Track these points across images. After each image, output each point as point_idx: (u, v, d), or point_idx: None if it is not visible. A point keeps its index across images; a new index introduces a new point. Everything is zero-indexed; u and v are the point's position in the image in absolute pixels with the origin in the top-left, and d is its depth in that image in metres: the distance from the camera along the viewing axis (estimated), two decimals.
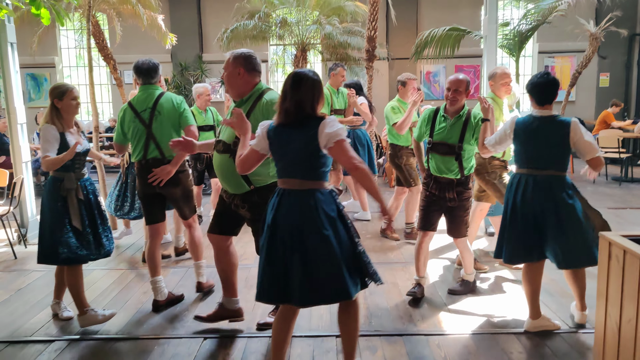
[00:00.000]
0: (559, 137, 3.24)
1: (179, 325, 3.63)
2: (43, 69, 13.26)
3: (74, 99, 3.53)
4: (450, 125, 3.77)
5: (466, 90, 3.73)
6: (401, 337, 3.41)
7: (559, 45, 12.96)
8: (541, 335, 3.37)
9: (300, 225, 2.55)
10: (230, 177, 3.14)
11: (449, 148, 3.76)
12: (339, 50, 10.65)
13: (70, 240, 3.49)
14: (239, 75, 3.10)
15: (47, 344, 3.38)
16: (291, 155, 2.61)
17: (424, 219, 3.93)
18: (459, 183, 3.79)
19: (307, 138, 2.56)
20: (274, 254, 2.60)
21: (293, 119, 2.59)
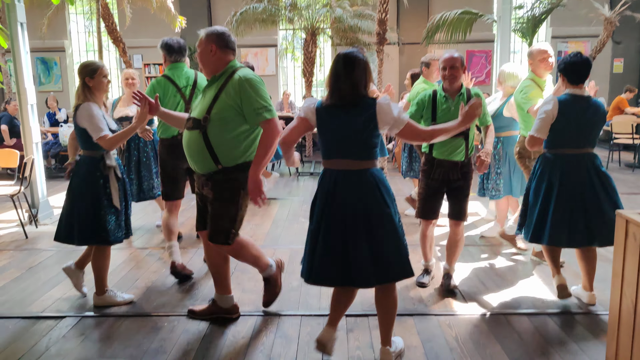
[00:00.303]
0: (599, 117, 3.38)
1: (188, 303, 3.63)
2: (53, 53, 13.26)
3: (105, 77, 3.49)
4: (454, 106, 3.58)
5: (462, 66, 3.54)
6: (412, 317, 3.39)
7: (573, 30, 12.76)
8: (552, 316, 3.34)
9: (365, 205, 2.58)
10: (199, 154, 3.04)
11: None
12: (349, 34, 10.55)
13: (111, 220, 3.48)
14: (212, 52, 3.03)
15: (58, 320, 3.40)
16: (346, 136, 2.62)
17: (427, 208, 3.76)
18: (463, 165, 3.64)
19: (364, 119, 2.60)
20: (334, 237, 2.60)
21: (349, 100, 2.62)
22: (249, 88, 2.93)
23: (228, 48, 3.09)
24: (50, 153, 8.90)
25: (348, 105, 2.63)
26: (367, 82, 2.66)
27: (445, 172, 3.64)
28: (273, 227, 5.55)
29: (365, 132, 2.61)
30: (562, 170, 3.37)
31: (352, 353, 2.94)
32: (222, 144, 3.01)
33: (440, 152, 3.65)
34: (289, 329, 3.24)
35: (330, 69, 2.69)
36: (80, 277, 3.79)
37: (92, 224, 3.43)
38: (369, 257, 2.56)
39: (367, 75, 2.66)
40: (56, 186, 8.07)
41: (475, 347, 2.98)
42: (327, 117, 2.67)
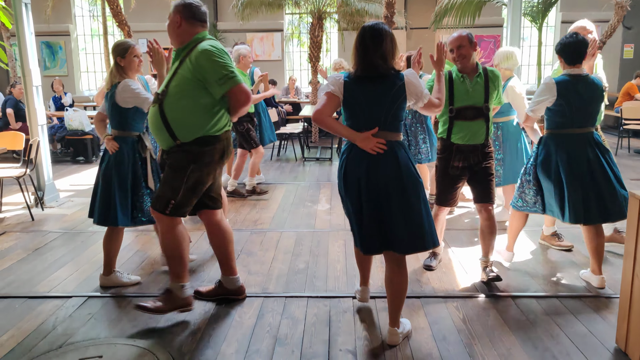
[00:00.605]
0: (597, 95, 3.41)
1: (195, 284, 3.61)
2: (58, 37, 13.20)
3: (136, 56, 3.47)
4: (472, 87, 3.42)
5: (471, 44, 3.37)
6: (419, 299, 3.37)
7: (583, 15, 12.48)
8: (562, 299, 3.31)
9: (399, 175, 2.65)
10: (158, 130, 2.97)
11: (477, 111, 3.40)
12: (356, 18, 10.42)
13: (147, 201, 3.50)
14: (177, 23, 2.96)
15: (65, 300, 3.39)
16: (377, 108, 2.66)
17: (446, 196, 3.59)
18: (483, 146, 3.46)
19: (395, 91, 2.65)
20: (370, 207, 2.66)
21: (380, 72, 2.65)
22: (206, 60, 2.83)
23: (195, 19, 2.98)
24: (56, 137, 8.87)
25: (377, 78, 2.66)
26: (394, 54, 2.69)
27: (466, 157, 3.44)
28: (279, 211, 5.52)
29: (395, 104, 2.67)
30: (567, 151, 3.40)
31: (359, 334, 2.93)
32: (177, 118, 2.91)
33: (460, 137, 3.44)
34: (296, 311, 3.22)
35: (356, 41, 2.69)
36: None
37: (133, 205, 3.49)
38: (405, 225, 2.65)
39: (394, 48, 2.69)
40: (62, 170, 8.06)
41: (483, 329, 2.96)
42: (356, 89, 2.68)
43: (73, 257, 4.18)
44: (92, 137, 8.78)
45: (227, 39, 13.12)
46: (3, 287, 3.61)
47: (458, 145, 3.45)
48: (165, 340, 2.87)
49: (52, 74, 13.22)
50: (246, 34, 13.02)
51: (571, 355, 2.68)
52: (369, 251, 2.77)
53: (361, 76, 2.69)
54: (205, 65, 2.84)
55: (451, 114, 3.44)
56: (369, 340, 2.86)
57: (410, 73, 2.71)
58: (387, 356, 2.70)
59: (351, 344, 2.82)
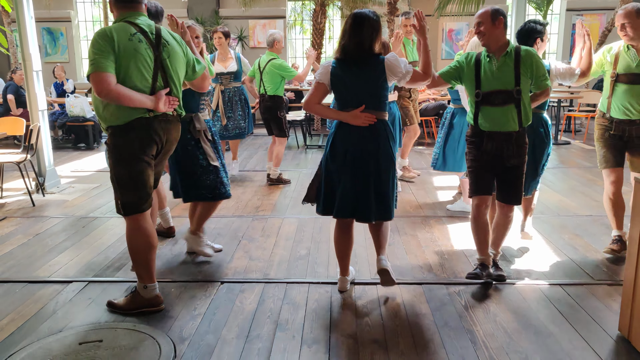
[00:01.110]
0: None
1: (196, 270, 3.61)
2: (59, 23, 13.12)
3: (197, 37, 3.63)
4: (498, 68, 3.10)
5: (493, 20, 3.05)
6: (421, 285, 3.35)
7: (588, 2, 12.44)
8: (565, 286, 3.29)
9: (377, 151, 2.97)
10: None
11: (506, 96, 3.09)
12: (359, 5, 10.32)
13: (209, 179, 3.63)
14: (111, 10, 2.90)
15: (65, 284, 3.38)
16: (360, 89, 2.96)
17: (478, 182, 3.27)
18: (518, 136, 3.15)
19: (376, 73, 2.93)
20: (346, 176, 2.99)
21: (356, 57, 2.93)
22: (89, 47, 2.71)
23: (118, 2, 2.85)
24: (57, 124, 8.84)
25: (358, 61, 2.94)
26: (373, 39, 2.94)
27: (498, 146, 3.15)
28: (281, 197, 5.50)
29: (376, 84, 2.95)
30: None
31: (360, 320, 2.91)
32: (94, 106, 2.89)
33: (488, 125, 3.17)
34: (297, 296, 3.21)
35: (342, 27, 2.99)
36: (199, 241, 3.78)
37: (191, 184, 3.61)
38: (376, 196, 3.00)
39: (374, 33, 2.93)
40: (63, 156, 8.05)
41: (485, 315, 2.94)
42: (341, 73, 2.97)
43: (74, 243, 4.17)
44: (93, 124, 8.74)
45: (230, 25, 13.00)
46: (3, 272, 3.60)
47: (489, 132, 3.16)
48: (165, 325, 2.86)
49: (53, 60, 13.14)
50: (248, 20, 12.92)
51: (574, 342, 2.66)
52: (341, 214, 3.05)
53: (344, 60, 2.97)
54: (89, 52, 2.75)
55: (477, 99, 3.17)
56: (369, 326, 2.84)
57: (390, 55, 2.98)
58: (388, 341, 2.69)
59: (352, 330, 2.81)
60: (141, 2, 2.90)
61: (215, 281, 3.43)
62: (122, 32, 2.73)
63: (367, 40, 2.91)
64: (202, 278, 3.48)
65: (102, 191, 5.80)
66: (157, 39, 2.85)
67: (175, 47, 2.94)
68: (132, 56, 2.72)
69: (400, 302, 3.12)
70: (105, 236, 4.31)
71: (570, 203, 5.16)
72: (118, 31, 2.72)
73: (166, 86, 2.88)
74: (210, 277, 3.50)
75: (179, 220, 4.67)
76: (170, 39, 2.94)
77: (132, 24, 2.80)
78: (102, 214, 4.95)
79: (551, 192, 5.57)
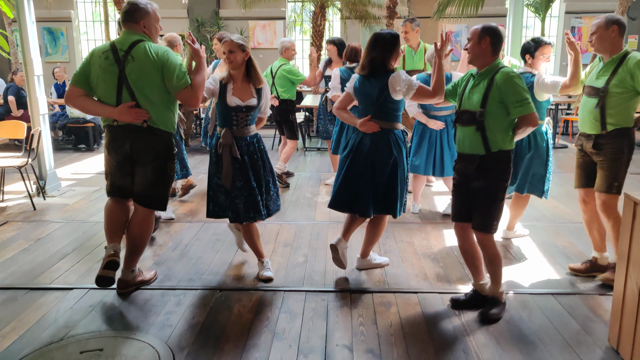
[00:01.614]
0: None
1: (195, 277, 3.67)
2: (59, 23, 13.16)
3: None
4: (472, 87, 3.03)
5: (479, 40, 2.94)
6: (416, 294, 3.41)
7: (587, 5, 12.49)
8: (557, 296, 3.35)
9: (381, 157, 3.41)
10: None
11: (470, 116, 2.98)
12: (358, 7, 10.39)
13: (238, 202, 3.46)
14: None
15: (66, 292, 3.44)
16: (368, 101, 3.40)
17: (453, 208, 3.20)
18: (483, 160, 2.97)
19: (380, 87, 3.32)
20: (353, 175, 3.48)
21: (369, 72, 3.38)
22: None
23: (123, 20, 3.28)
24: (57, 125, 8.89)
25: (373, 76, 3.37)
26: (386, 58, 3.34)
27: (464, 166, 3.07)
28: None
29: (380, 98, 3.34)
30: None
31: (356, 329, 2.97)
32: None
33: (458, 144, 3.13)
34: (294, 305, 3.26)
35: (367, 45, 3.43)
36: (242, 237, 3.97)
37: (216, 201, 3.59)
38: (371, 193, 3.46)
39: (387, 52, 3.33)
40: (63, 158, 8.10)
41: (478, 325, 3.00)
42: (359, 85, 3.45)
43: (74, 248, 4.23)
44: (94, 125, 8.80)
45: (230, 26, 13.07)
46: (5, 278, 3.66)
47: (459, 153, 3.13)
48: (164, 334, 2.91)
49: (54, 60, 13.20)
50: (248, 21, 12.96)
51: (564, 353, 2.72)
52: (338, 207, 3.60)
53: (362, 74, 3.43)
54: None
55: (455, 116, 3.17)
56: (365, 336, 2.90)
57: (395, 73, 3.32)
58: (382, 352, 2.75)
59: (348, 339, 2.87)
60: (128, 21, 3.20)
61: (214, 289, 3.48)
62: (97, 50, 3.20)
63: (379, 57, 3.34)
64: (200, 286, 3.53)
65: (102, 194, 5.85)
66: (125, 56, 3.11)
67: (144, 62, 3.10)
68: (97, 72, 3.14)
69: (395, 312, 3.18)
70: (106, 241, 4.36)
71: (566, 209, 5.21)
72: (95, 50, 3.21)
73: (132, 99, 3.13)
74: (208, 284, 3.55)
75: (180, 225, 4.73)
76: (140, 55, 3.10)
77: (111, 42, 3.21)
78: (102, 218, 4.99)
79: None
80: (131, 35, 3.17)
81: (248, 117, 3.45)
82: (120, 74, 3.09)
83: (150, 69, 3.10)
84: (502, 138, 2.96)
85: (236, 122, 3.43)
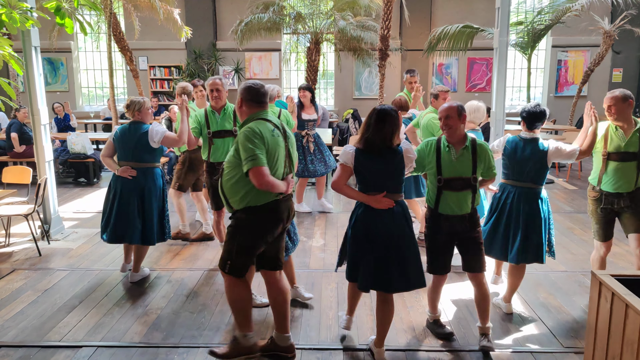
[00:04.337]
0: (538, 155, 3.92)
1: (197, 333, 3.88)
2: (60, 53, 13.43)
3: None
4: (457, 158, 3.51)
5: (459, 115, 3.48)
6: (405, 352, 3.64)
7: (573, 39, 12.91)
8: (535, 354, 3.58)
9: (398, 229, 3.35)
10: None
11: (464, 182, 3.50)
12: (352, 43, 10.71)
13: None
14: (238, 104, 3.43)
15: (75, 350, 3.65)
16: (383, 175, 3.34)
17: (438, 264, 3.67)
18: (470, 215, 3.58)
19: (396, 162, 3.34)
20: (375, 253, 3.33)
21: (381, 149, 3.31)
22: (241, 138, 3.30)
23: (252, 101, 3.38)
24: (58, 160, 9.11)
25: (383, 153, 3.33)
26: (394, 134, 3.31)
27: (452, 225, 3.56)
28: None
29: (396, 172, 3.36)
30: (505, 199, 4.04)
31: None
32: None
33: (447, 208, 3.54)
34: None
35: (365, 120, 3.38)
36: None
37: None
38: (399, 269, 3.34)
39: (395, 128, 3.31)
40: (65, 194, 8.32)
41: None
42: (364, 160, 3.34)
43: (81, 300, 4.44)
44: (94, 160, 9.03)
45: (227, 58, 13.41)
46: (17, 335, 3.86)
47: (445, 215, 3.54)
48: None
49: (54, 89, 13.46)
50: (245, 53, 13.29)
51: None
52: (364, 288, 3.43)
53: (365, 150, 3.34)
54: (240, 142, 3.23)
55: (439, 184, 3.52)
56: None
57: (406, 147, 3.39)
58: None
59: None
60: (266, 102, 3.44)
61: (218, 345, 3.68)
62: (267, 129, 3.28)
63: (389, 135, 3.30)
64: (202, 343, 3.74)
65: None
66: (284, 131, 3.42)
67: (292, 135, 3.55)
68: (274, 148, 3.28)
69: None
70: (110, 293, 4.58)
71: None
72: (263, 129, 3.26)
73: (290, 167, 3.47)
74: (210, 341, 3.76)
75: (181, 272, 4.95)
76: (288, 129, 3.49)
77: (267, 120, 3.34)
78: (105, 266, 5.22)
79: None
80: (270, 112, 3.47)
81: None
82: (285, 147, 3.40)
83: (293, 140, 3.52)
84: (479, 195, 3.65)
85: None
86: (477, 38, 10.75)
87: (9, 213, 5.61)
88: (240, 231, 3.32)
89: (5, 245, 5.86)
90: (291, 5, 11.10)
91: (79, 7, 4.30)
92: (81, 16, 4.64)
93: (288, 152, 3.42)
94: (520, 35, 9.88)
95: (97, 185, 9.08)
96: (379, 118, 3.28)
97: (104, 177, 9.67)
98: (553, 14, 9.44)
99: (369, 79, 13.41)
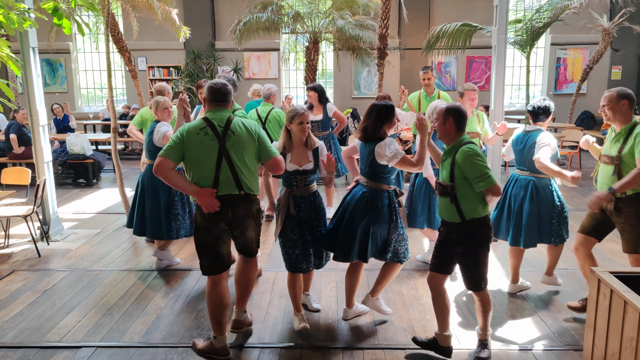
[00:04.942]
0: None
1: (196, 333, 3.88)
2: (58, 54, 13.43)
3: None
4: (442, 163, 3.42)
5: (444, 120, 3.30)
6: (404, 350, 3.64)
7: (572, 37, 12.90)
8: (535, 352, 3.58)
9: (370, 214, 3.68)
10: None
11: (443, 189, 3.32)
12: (350, 42, 10.71)
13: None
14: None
15: (75, 350, 3.65)
16: (361, 163, 3.81)
17: (435, 258, 3.49)
18: (460, 227, 3.28)
19: (368, 152, 3.68)
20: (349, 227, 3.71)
21: (363, 138, 3.75)
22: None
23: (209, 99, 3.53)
24: (57, 161, 9.10)
25: (367, 141, 3.73)
26: (377, 126, 3.66)
27: (447, 231, 3.39)
28: (275, 246, 5.71)
29: (369, 161, 3.69)
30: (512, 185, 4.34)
31: None
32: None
33: (440, 211, 3.45)
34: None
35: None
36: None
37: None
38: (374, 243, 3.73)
39: (379, 121, 3.66)
40: (64, 195, 8.32)
41: None
42: (358, 147, 3.87)
43: (80, 301, 4.44)
44: (93, 161, 9.03)
45: (225, 58, 13.40)
46: (17, 335, 3.86)
47: (442, 219, 3.45)
48: None
49: (52, 90, 13.46)
50: (243, 53, 13.29)
51: None
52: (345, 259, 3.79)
53: (358, 138, 3.83)
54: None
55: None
56: None
57: (383, 141, 3.64)
58: None
59: None
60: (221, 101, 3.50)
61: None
62: (193, 128, 3.37)
63: (371, 125, 3.67)
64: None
65: (103, 238, 6.07)
66: (224, 131, 3.39)
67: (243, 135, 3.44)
68: (197, 147, 3.33)
69: None
70: (109, 293, 4.59)
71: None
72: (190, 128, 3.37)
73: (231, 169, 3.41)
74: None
75: (181, 272, 4.95)
76: (238, 129, 3.43)
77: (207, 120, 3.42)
78: (105, 266, 5.22)
79: None
80: (224, 112, 3.49)
81: (307, 179, 3.86)
82: (220, 148, 3.36)
83: (248, 141, 3.44)
84: (474, 207, 3.25)
85: (296, 184, 3.85)
86: (476, 36, 10.72)
87: (8, 214, 5.61)
88: (195, 231, 3.54)
89: (4, 246, 5.86)
90: (289, 5, 11.11)
91: (76, 8, 4.29)
92: (79, 17, 4.63)
93: (228, 158, 3.35)
94: (519, 33, 9.85)
95: (97, 186, 9.09)
96: (368, 110, 3.74)
97: (103, 178, 9.67)
98: (552, 12, 9.41)
99: (368, 78, 13.41)
